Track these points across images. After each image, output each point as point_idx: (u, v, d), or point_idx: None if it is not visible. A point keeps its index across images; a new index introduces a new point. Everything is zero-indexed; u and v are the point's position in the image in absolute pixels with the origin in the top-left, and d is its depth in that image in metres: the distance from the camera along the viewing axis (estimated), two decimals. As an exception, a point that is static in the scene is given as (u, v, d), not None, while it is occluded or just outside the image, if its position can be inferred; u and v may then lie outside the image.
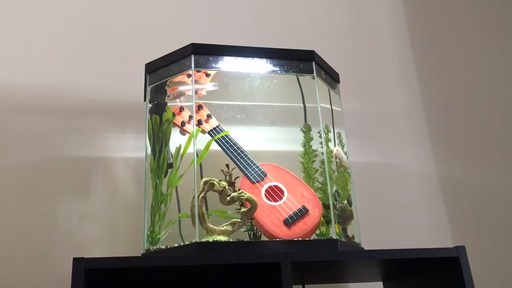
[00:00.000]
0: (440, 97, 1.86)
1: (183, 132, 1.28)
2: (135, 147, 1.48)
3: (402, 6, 1.99)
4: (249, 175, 1.23)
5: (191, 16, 1.73)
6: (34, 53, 1.53)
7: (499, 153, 1.80)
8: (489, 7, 2.07)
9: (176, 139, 1.24)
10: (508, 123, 1.86)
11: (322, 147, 1.25)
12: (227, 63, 1.27)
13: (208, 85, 1.31)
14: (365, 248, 1.21)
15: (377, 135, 1.74)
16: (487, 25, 2.04)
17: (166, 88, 1.29)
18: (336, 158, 1.31)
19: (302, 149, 1.33)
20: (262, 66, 1.30)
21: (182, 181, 1.21)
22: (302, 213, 1.16)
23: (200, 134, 1.28)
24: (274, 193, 1.20)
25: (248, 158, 1.25)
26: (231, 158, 1.25)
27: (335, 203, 1.20)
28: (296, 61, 1.30)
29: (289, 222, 1.14)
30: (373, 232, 1.49)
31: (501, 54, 1.98)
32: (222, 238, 1.08)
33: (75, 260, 0.92)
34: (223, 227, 1.11)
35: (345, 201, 1.26)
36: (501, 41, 2.01)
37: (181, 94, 1.29)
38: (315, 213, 1.16)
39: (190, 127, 1.27)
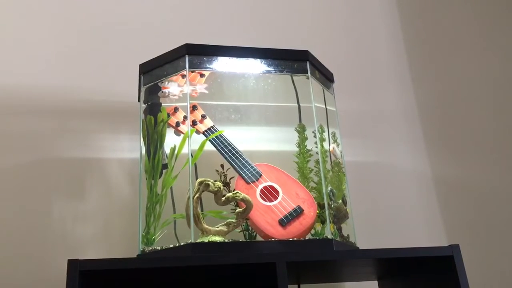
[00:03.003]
0: (434, 97, 1.86)
1: (177, 132, 1.28)
2: (129, 148, 1.48)
3: (396, 6, 1.99)
4: (244, 175, 1.23)
5: (186, 16, 1.73)
6: (27, 54, 1.52)
7: (493, 152, 1.81)
8: (483, 7, 2.08)
9: (170, 140, 1.24)
10: (501, 122, 1.87)
11: (316, 147, 1.26)
12: (221, 63, 1.27)
13: (198, 87, 1.31)
14: (360, 248, 1.21)
15: (371, 135, 1.74)
16: (480, 25, 2.05)
17: (160, 84, 1.28)
18: (331, 155, 1.31)
19: (297, 149, 1.34)
20: (256, 66, 1.30)
21: (177, 182, 1.21)
22: (297, 213, 1.16)
23: (194, 135, 1.28)
24: (269, 193, 1.21)
25: (243, 158, 1.25)
26: (226, 158, 1.25)
27: (330, 203, 1.21)
28: (290, 61, 1.30)
29: (284, 222, 1.14)
30: (368, 232, 1.49)
31: (494, 54, 1.99)
32: (217, 238, 1.08)
33: (70, 262, 0.92)
34: (218, 227, 1.11)
35: (340, 201, 1.27)
36: (494, 41, 2.02)
37: (172, 93, 1.29)
38: (310, 213, 1.17)
39: (185, 127, 1.27)
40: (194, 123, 1.29)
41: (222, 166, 1.26)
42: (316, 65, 1.33)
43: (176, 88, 1.28)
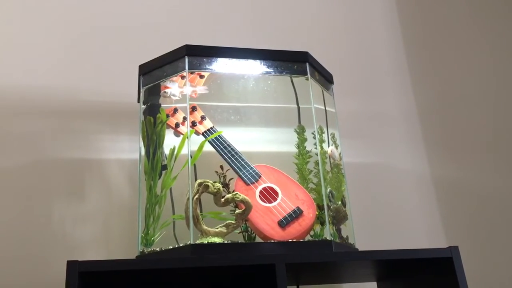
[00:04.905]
0: (433, 98, 1.86)
1: (177, 133, 1.28)
2: (129, 148, 1.47)
3: (396, 8, 1.99)
4: (243, 176, 1.23)
5: (186, 17, 1.72)
6: (27, 54, 1.52)
7: (492, 154, 1.81)
8: (481, 9, 2.08)
9: (170, 141, 1.24)
10: (500, 123, 1.87)
11: (316, 148, 1.26)
12: (221, 65, 1.27)
13: (198, 88, 1.31)
14: (360, 249, 1.21)
15: (371, 136, 1.74)
16: (479, 27, 2.05)
17: (162, 83, 1.28)
18: (329, 158, 1.31)
19: (296, 150, 1.34)
20: (256, 68, 1.30)
21: (176, 183, 1.21)
22: (296, 214, 1.16)
23: (194, 136, 1.28)
24: (269, 195, 1.21)
25: (243, 160, 1.25)
26: (225, 159, 1.25)
27: (330, 204, 1.21)
28: (290, 62, 1.30)
29: (284, 223, 1.14)
30: (367, 233, 1.49)
31: (493, 55, 1.99)
32: (217, 239, 1.08)
33: (70, 263, 0.92)
34: (217, 228, 1.11)
35: (339, 202, 1.27)
36: (493, 42, 2.02)
37: (172, 94, 1.28)
38: (309, 214, 1.17)
39: (184, 128, 1.27)
40: (193, 124, 1.29)
41: (221, 167, 1.26)
42: (316, 66, 1.33)
43: (175, 89, 1.28)
